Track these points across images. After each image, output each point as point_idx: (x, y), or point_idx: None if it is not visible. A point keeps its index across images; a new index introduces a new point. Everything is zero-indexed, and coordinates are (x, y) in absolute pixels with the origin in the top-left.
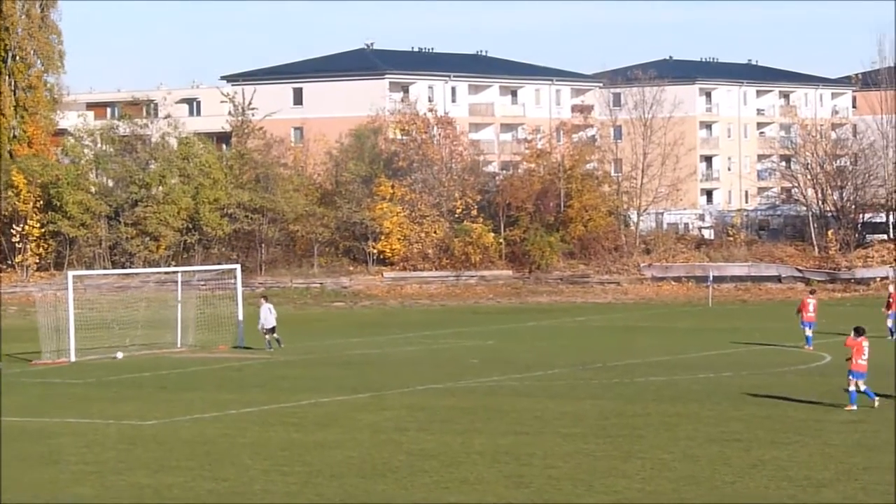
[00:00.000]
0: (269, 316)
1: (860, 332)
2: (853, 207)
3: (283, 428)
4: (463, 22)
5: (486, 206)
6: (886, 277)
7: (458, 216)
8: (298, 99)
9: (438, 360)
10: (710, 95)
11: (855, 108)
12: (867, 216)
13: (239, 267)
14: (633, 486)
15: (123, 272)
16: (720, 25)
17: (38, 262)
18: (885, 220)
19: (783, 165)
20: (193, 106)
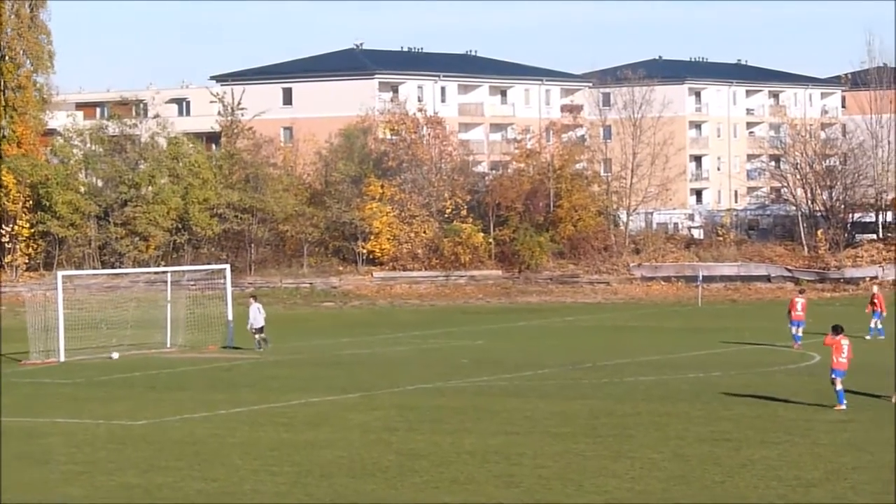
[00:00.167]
0: (258, 316)
1: (838, 330)
2: (842, 207)
3: (272, 428)
4: (452, 22)
5: (475, 206)
6: (876, 277)
7: (447, 216)
8: (288, 99)
9: (428, 359)
10: (699, 95)
11: (844, 107)
12: (856, 216)
13: (228, 267)
14: (622, 485)
15: (113, 272)
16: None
17: (27, 262)
18: (874, 219)
19: (773, 165)
20: (183, 106)
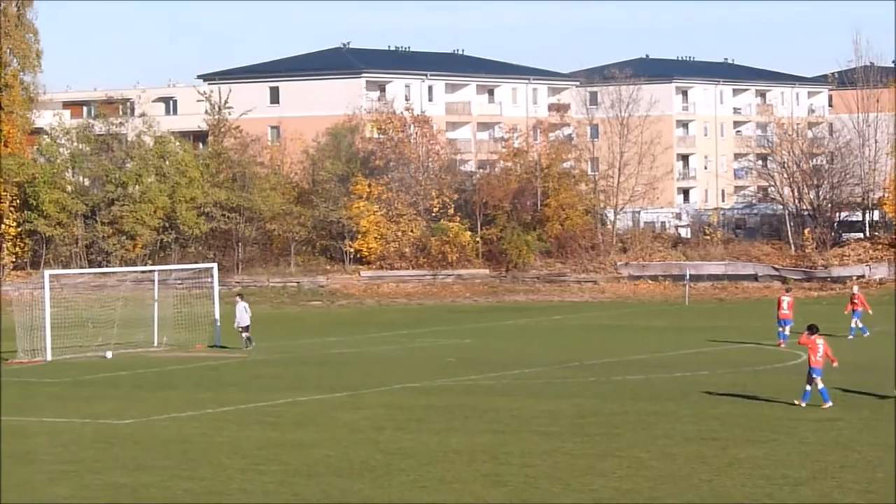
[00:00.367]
0: (244, 314)
1: (813, 329)
2: (829, 206)
3: (260, 427)
4: (440, 21)
5: (462, 204)
6: (863, 276)
7: (434, 215)
8: (275, 98)
9: (415, 358)
10: (686, 94)
11: (831, 106)
12: (843, 215)
13: (216, 266)
14: (610, 484)
15: (100, 271)
16: (696, 24)
17: (14, 261)
18: (861, 218)
19: (759, 164)
20: (170, 105)
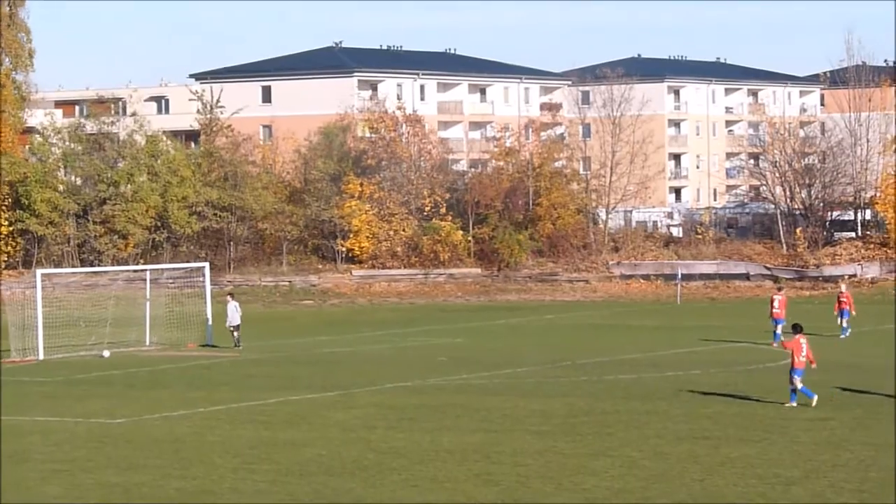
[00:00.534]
0: (234, 314)
1: (798, 329)
2: (821, 205)
3: (252, 426)
4: (431, 20)
5: (454, 203)
6: (854, 275)
7: (426, 214)
8: (267, 97)
9: (407, 358)
10: (678, 93)
11: (823, 106)
12: (835, 214)
13: (208, 265)
14: (602, 483)
15: (92, 270)
16: (688, 23)
17: (6, 260)
18: (853, 217)
19: (751, 163)
20: (162, 104)
